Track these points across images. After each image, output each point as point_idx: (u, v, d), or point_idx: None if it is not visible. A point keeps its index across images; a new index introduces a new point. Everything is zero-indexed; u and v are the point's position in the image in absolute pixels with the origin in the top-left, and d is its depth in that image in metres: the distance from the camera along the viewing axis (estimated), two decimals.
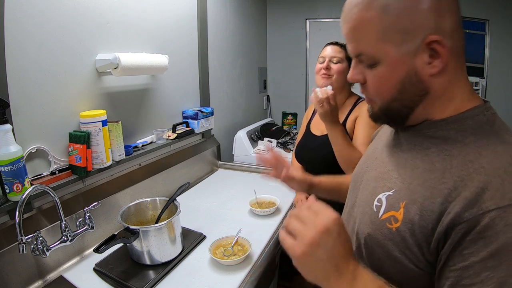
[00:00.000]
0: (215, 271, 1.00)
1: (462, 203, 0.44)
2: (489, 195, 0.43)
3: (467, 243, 0.43)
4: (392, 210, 0.52)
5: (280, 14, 2.97)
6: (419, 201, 0.49)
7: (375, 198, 0.56)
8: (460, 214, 0.44)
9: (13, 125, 0.91)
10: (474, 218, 0.43)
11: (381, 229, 0.53)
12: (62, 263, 1.03)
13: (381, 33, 0.49)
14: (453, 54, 0.49)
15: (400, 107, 0.53)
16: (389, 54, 0.49)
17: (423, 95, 0.51)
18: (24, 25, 0.94)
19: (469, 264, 0.43)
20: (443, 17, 0.47)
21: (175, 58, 1.63)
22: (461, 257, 0.44)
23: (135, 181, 1.35)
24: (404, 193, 0.51)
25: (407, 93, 0.51)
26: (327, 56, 1.29)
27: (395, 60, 0.49)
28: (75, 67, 1.12)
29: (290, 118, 3.00)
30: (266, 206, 1.40)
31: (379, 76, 0.52)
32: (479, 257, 0.42)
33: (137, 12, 1.38)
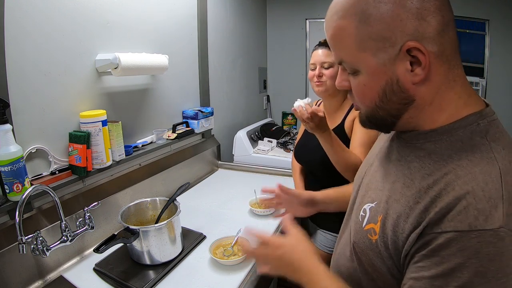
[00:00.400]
0: (215, 271, 1.00)
1: (426, 222, 0.44)
2: (451, 216, 0.42)
3: (422, 257, 0.44)
4: (372, 223, 0.54)
5: (280, 14, 2.97)
6: (393, 218, 0.49)
7: (361, 207, 0.59)
8: (423, 231, 0.44)
9: (13, 125, 0.91)
10: (433, 235, 0.43)
11: (364, 239, 0.56)
12: (62, 263, 1.03)
13: (358, 42, 0.47)
14: (441, 59, 0.46)
15: (384, 115, 0.51)
16: (368, 63, 0.48)
17: (408, 104, 0.49)
18: (24, 25, 0.95)
19: (419, 277, 0.44)
20: (424, 21, 0.44)
21: (175, 58, 1.63)
22: (414, 269, 0.45)
23: (135, 181, 1.35)
24: (382, 207, 0.53)
25: (390, 102, 0.49)
26: (318, 62, 1.28)
27: (374, 69, 0.48)
28: (75, 67, 1.12)
29: (290, 118, 3.00)
30: (266, 206, 1.40)
31: (361, 84, 0.51)
32: (429, 273, 0.43)
33: (137, 12, 1.38)
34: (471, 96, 0.49)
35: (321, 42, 1.32)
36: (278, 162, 2.05)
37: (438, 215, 0.43)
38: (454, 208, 0.42)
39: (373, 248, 0.53)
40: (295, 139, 2.08)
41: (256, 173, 1.94)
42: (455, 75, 0.48)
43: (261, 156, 2.14)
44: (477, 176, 0.43)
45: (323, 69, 1.27)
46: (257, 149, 2.21)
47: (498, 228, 0.40)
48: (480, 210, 0.41)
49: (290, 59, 3.02)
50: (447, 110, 0.48)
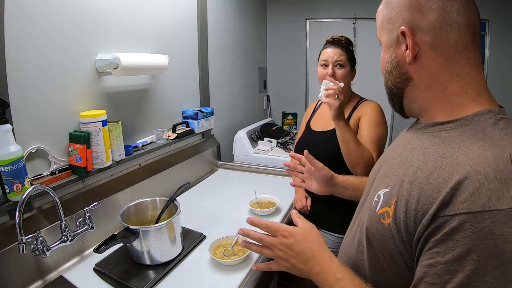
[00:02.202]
0: (215, 271, 1.00)
1: (438, 203, 0.45)
2: (464, 198, 0.43)
3: (436, 242, 0.44)
4: (386, 206, 0.55)
5: (280, 14, 2.97)
6: (406, 199, 0.50)
7: (376, 194, 0.59)
8: (435, 214, 0.45)
9: (13, 125, 0.91)
10: (446, 218, 0.44)
11: (377, 224, 0.56)
12: (62, 263, 1.03)
13: (381, 22, 0.60)
14: (436, 51, 0.53)
15: (392, 86, 0.61)
16: (383, 39, 0.60)
17: (407, 80, 0.57)
18: (24, 25, 0.95)
19: (434, 263, 0.44)
20: (423, 15, 0.52)
21: (175, 58, 1.63)
22: (429, 255, 0.45)
23: (135, 181, 1.35)
24: (396, 190, 0.54)
25: (392, 74, 0.59)
26: (330, 61, 1.27)
27: (385, 45, 0.60)
28: (75, 67, 1.12)
29: (290, 118, 3.00)
30: (266, 206, 1.40)
31: (381, 57, 0.63)
32: (445, 258, 0.43)
33: (137, 12, 1.38)
34: (480, 95, 0.53)
35: (329, 40, 1.31)
36: (278, 162, 2.05)
37: (450, 196, 0.44)
38: (467, 189, 0.43)
39: (385, 232, 0.53)
40: (295, 139, 2.08)
41: (256, 173, 1.94)
42: (458, 71, 0.53)
43: (261, 156, 2.14)
44: (489, 158, 0.45)
45: (336, 68, 1.27)
46: (257, 149, 2.21)
47: (511, 208, 0.40)
48: (492, 191, 0.42)
49: (290, 59, 3.02)
50: (450, 99, 0.54)
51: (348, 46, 1.30)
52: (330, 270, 0.58)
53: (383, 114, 1.27)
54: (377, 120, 1.23)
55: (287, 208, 1.43)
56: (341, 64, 1.26)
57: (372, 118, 1.23)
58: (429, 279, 0.44)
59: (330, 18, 2.83)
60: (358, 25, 2.72)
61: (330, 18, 2.83)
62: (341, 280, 0.56)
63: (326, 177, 0.93)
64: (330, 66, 1.26)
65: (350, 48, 1.31)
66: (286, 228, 0.64)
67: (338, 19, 2.80)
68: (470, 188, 0.43)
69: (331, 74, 1.25)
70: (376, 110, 1.26)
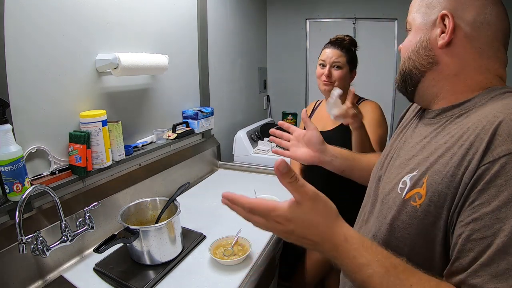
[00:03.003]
0: (215, 271, 1.00)
1: (478, 157, 0.43)
2: (500, 141, 0.42)
3: (478, 193, 0.42)
4: (416, 188, 0.52)
5: (280, 14, 2.97)
6: (440, 170, 0.48)
7: (399, 182, 0.56)
8: (474, 167, 0.43)
9: (13, 125, 0.91)
10: (486, 166, 0.42)
11: (406, 210, 0.52)
12: (62, 263, 1.03)
13: (418, 6, 0.60)
14: (471, 43, 0.54)
15: (411, 67, 0.60)
16: (416, 21, 0.60)
17: (432, 63, 0.58)
18: (24, 25, 0.94)
19: (479, 216, 0.41)
20: (466, 6, 0.54)
21: (175, 58, 1.62)
22: (472, 209, 0.42)
23: (135, 181, 1.35)
24: (426, 169, 0.51)
25: (418, 54, 0.59)
26: (328, 61, 1.27)
27: (417, 26, 0.60)
28: (75, 67, 1.12)
29: (290, 118, 3.00)
30: None
31: (408, 40, 0.62)
32: (490, 207, 0.40)
33: (137, 12, 1.38)
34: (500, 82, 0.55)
35: (332, 39, 1.32)
36: None
37: (486, 143, 0.43)
38: (503, 132, 0.42)
39: (417, 214, 0.50)
40: None
41: (256, 173, 1.94)
42: (488, 65, 0.55)
43: (261, 156, 2.14)
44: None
45: (333, 69, 1.27)
46: (257, 149, 2.21)
47: None
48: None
49: (290, 59, 3.01)
50: (471, 87, 0.55)
51: (351, 47, 1.30)
52: (348, 255, 0.47)
53: (383, 113, 1.27)
54: (378, 121, 1.23)
55: None
56: (339, 66, 1.26)
57: (373, 119, 1.23)
58: (478, 235, 0.41)
59: (330, 18, 2.83)
60: (358, 25, 2.72)
61: (330, 18, 2.83)
62: (367, 265, 0.45)
63: (318, 138, 0.86)
64: (327, 67, 1.26)
65: (352, 49, 1.31)
66: (280, 213, 0.47)
67: (338, 19, 2.80)
68: (506, 130, 0.42)
69: (327, 75, 1.26)
70: (376, 111, 1.26)
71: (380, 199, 0.62)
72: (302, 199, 0.47)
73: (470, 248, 0.42)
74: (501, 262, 0.39)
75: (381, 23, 2.64)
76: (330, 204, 0.49)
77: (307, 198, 0.47)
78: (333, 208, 0.50)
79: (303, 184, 0.46)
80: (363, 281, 0.46)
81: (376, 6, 2.61)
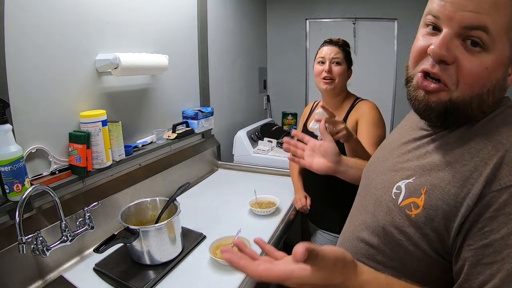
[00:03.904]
0: (215, 271, 1.00)
1: (482, 182, 0.43)
2: (508, 170, 0.42)
3: (487, 220, 0.42)
4: (413, 197, 0.51)
5: (280, 14, 2.97)
6: (441, 186, 0.48)
7: (393, 186, 0.55)
8: (480, 193, 0.43)
9: (13, 125, 0.91)
10: (493, 194, 0.42)
11: (400, 215, 0.52)
12: (62, 263, 1.03)
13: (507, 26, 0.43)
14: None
15: (476, 107, 0.48)
16: (502, 48, 0.44)
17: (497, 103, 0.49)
18: (24, 25, 0.94)
19: (489, 242, 0.42)
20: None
21: (175, 58, 1.62)
22: (481, 235, 0.43)
23: (135, 181, 1.35)
24: (425, 179, 0.50)
25: (493, 96, 0.47)
26: (328, 58, 1.27)
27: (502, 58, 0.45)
28: (75, 67, 1.12)
29: (290, 118, 3.00)
30: (266, 206, 1.40)
31: (483, 66, 0.45)
32: (500, 234, 0.41)
33: (137, 12, 1.38)
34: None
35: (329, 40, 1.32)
36: (278, 162, 2.05)
37: (494, 172, 0.43)
38: (509, 162, 0.42)
39: (411, 223, 0.50)
40: None
41: (256, 173, 1.94)
42: None
43: (261, 156, 2.14)
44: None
45: (333, 65, 1.27)
46: (257, 149, 2.21)
47: None
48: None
49: (290, 59, 3.01)
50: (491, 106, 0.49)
51: (345, 47, 1.30)
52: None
53: (381, 114, 1.27)
54: (375, 121, 1.23)
55: (287, 208, 1.43)
56: (338, 62, 1.26)
57: (371, 120, 1.23)
58: (487, 259, 0.42)
59: (330, 18, 2.83)
60: (358, 25, 2.72)
61: (330, 18, 2.83)
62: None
63: (334, 149, 0.85)
64: (327, 63, 1.26)
65: (347, 49, 1.31)
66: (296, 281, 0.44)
67: (338, 19, 2.80)
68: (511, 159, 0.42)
69: (327, 70, 1.25)
70: (373, 111, 1.25)
71: (374, 198, 0.61)
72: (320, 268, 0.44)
73: (480, 272, 0.43)
74: (510, 286, 0.40)
75: (381, 23, 2.64)
76: (347, 259, 0.47)
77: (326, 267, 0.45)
78: (350, 261, 0.48)
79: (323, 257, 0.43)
80: None
81: (376, 6, 2.61)
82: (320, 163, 0.87)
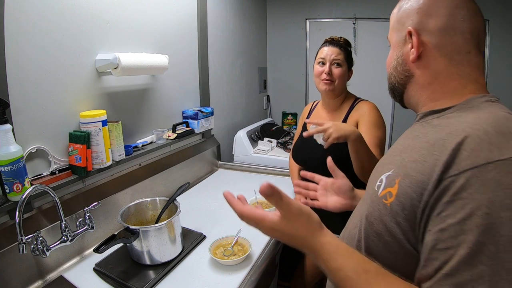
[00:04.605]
0: (215, 271, 1.00)
1: (441, 167, 0.45)
2: (466, 155, 0.43)
3: (445, 205, 0.43)
4: (389, 187, 0.54)
5: (280, 14, 2.97)
6: (412, 175, 0.50)
7: (377, 180, 0.59)
8: (439, 178, 0.45)
9: (13, 125, 0.91)
10: (451, 178, 0.43)
11: (378, 206, 0.56)
12: (62, 263, 1.03)
13: (393, 24, 0.65)
14: (440, 52, 0.57)
15: (394, 82, 0.66)
16: (393, 38, 0.65)
17: (409, 76, 0.62)
18: (24, 25, 0.95)
19: (445, 227, 0.43)
20: (429, 18, 0.57)
21: (175, 58, 1.63)
22: (439, 220, 0.44)
23: (135, 181, 1.35)
24: (400, 170, 0.54)
25: (397, 70, 0.64)
26: (328, 59, 1.27)
27: (394, 44, 0.65)
28: (75, 67, 1.12)
29: (290, 118, 3.00)
30: (266, 206, 1.40)
31: (389, 55, 0.67)
32: (456, 219, 0.42)
33: (137, 12, 1.38)
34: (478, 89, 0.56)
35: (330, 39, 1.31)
36: (278, 162, 2.05)
37: (452, 157, 0.44)
38: (468, 146, 0.44)
39: (387, 212, 0.53)
40: None
41: (256, 173, 1.95)
42: (460, 71, 0.57)
43: (261, 156, 2.14)
44: (486, 118, 0.47)
45: (333, 66, 1.26)
46: (257, 149, 2.21)
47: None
48: (493, 144, 0.43)
49: (290, 59, 3.02)
50: (448, 93, 0.58)
51: (346, 46, 1.30)
52: (323, 259, 0.52)
53: (381, 114, 1.26)
54: (376, 122, 1.22)
55: None
56: (338, 63, 1.26)
57: (371, 121, 1.22)
58: (443, 245, 0.43)
59: (330, 18, 2.83)
60: (358, 25, 2.72)
61: (330, 18, 2.83)
62: (339, 269, 0.50)
63: (347, 186, 0.85)
64: (327, 64, 1.26)
65: (348, 49, 1.31)
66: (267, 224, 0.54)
67: (338, 19, 2.80)
68: (471, 145, 0.44)
69: (327, 72, 1.25)
70: (374, 112, 1.25)
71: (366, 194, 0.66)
72: (286, 214, 0.53)
73: (435, 257, 0.43)
74: (463, 273, 0.40)
75: (381, 23, 2.63)
76: (313, 217, 0.55)
77: (290, 213, 0.53)
78: (315, 220, 0.55)
79: (288, 202, 0.53)
80: (337, 283, 0.51)
81: (376, 6, 2.61)
82: (334, 201, 0.86)
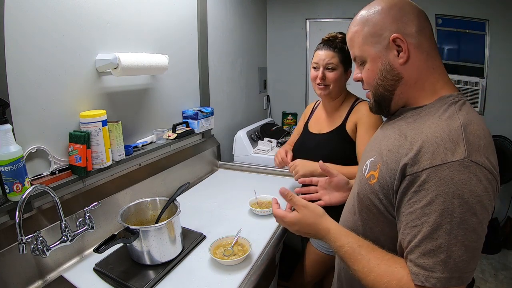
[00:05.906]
0: (215, 271, 1.00)
1: (407, 161, 0.59)
2: (427, 157, 0.57)
3: (412, 194, 0.58)
4: (372, 170, 0.69)
5: (280, 14, 2.97)
6: (387, 162, 0.64)
7: (364, 164, 0.74)
8: (406, 170, 0.59)
9: (13, 125, 0.91)
10: (416, 174, 0.57)
11: (365, 186, 0.70)
12: (62, 263, 1.03)
13: (363, 39, 0.69)
14: (420, 50, 0.66)
15: (383, 91, 0.70)
16: (370, 53, 0.69)
17: (398, 80, 0.68)
18: (24, 25, 0.94)
19: (413, 211, 0.57)
20: (405, 23, 0.65)
21: (175, 58, 1.63)
22: (409, 205, 0.58)
23: (135, 181, 1.35)
24: (380, 157, 0.68)
25: (386, 79, 0.69)
26: (321, 64, 1.26)
27: (373, 56, 0.69)
28: (75, 67, 1.12)
29: (290, 118, 3.00)
30: (266, 206, 1.40)
31: (367, 70, 0.71)
32: (420, 204, 0.56)
33: (137, 12, 1.38)
34: (447, 82, 0.68)
35: (324, 39, 1.31)
36: None
37: (416, 157, 0.58)
38: (428, 149, 0.57)
39: (372, 191, 0.68)
40: None
41: (256, 173, 1.94)
42: (434, 64, 0.67)
43: (261, 156, 2.14)
44: (444, 127, 0.59)
45: (327, 71, 1.26)
46: (257, 149, 2.21)
47: (463, 159, 0.54)
48: (447, 148, 0.56)
49: (290, 59, 3.02)
50: (427, 90, 0.67)
51: (343, 45, 1.28)
52: (331, 240, 0.71)
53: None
54: (374, 124, 1.22)
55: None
56: (332, 67, 1.25)
57: (370, 123, 1.22)
58: (411, 224, 0.57)
59: (330, 18, 2.83)
60: None
61: (330, 18, 2.83)
62: (342, 246, 0.67)
63: (343, 181, 0.98)
64: (320, 69, 1.26)
65: (345, 48, 1.29)
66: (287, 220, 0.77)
67: (338, 19, 2.80)
68: (431, 149, 0.57)
69: (321, 77, 1.25)
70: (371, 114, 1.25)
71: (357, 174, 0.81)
72: (297, 208, 0.77)
73: (407, 233, 0.58)
74: (427, 245, 0.55)
75: None
76: (317, 209, 0.76)
77: (300, 208, 0.76)
78: (319, 210, 0.76)
79: (297, 200, 0.78)
80: (341, 257, 0.68)
81: None
82: (336, 197, 0.99)
